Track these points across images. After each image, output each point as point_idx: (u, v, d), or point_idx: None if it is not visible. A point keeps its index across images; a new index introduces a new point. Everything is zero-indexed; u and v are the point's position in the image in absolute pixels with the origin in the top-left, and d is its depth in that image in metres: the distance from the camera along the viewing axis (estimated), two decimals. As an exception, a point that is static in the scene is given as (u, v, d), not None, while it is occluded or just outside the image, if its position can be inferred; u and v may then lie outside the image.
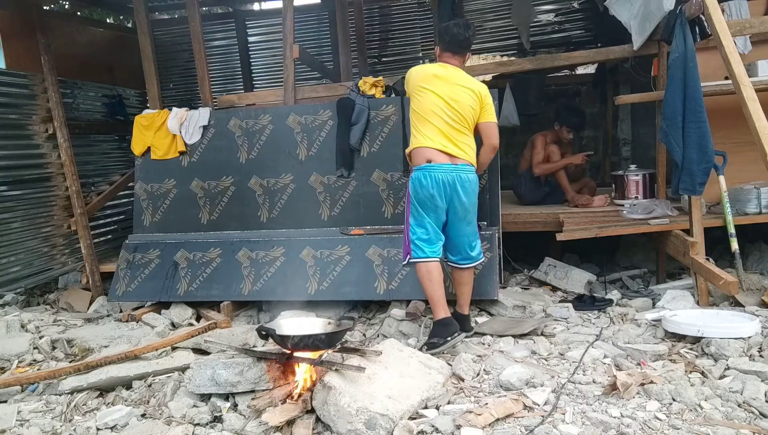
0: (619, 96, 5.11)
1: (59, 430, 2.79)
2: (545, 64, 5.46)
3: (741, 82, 3.30)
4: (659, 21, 4.23)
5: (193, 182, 4.86)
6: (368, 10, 7.49)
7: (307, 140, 4.67)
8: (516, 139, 7.25)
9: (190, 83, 7.73)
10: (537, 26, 7.41)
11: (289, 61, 5.06)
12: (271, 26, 7.85)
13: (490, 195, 4.33)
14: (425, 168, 3.27)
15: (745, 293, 3.79)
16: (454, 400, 2.70)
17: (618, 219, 4.55)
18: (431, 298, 3.31)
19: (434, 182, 3.24)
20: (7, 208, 4.93)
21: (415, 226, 3.33)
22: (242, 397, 2.74)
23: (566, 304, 4.08)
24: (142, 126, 4.99)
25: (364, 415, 2.41)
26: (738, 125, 3.56)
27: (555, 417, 2.46)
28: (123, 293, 4.66)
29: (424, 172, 3.27)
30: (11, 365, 3.64)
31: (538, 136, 5.38)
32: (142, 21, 5.29)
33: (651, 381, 2.64)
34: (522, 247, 5.40)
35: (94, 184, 5.97)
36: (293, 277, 4.33)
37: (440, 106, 3.27)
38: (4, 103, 4.88)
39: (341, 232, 4.49)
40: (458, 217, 3.36)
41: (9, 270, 4.95)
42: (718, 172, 3.96)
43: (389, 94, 4.69)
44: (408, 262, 3.37)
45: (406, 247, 3.37)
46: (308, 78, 7.51)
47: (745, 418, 2.37)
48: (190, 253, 4.66)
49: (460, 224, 3.39)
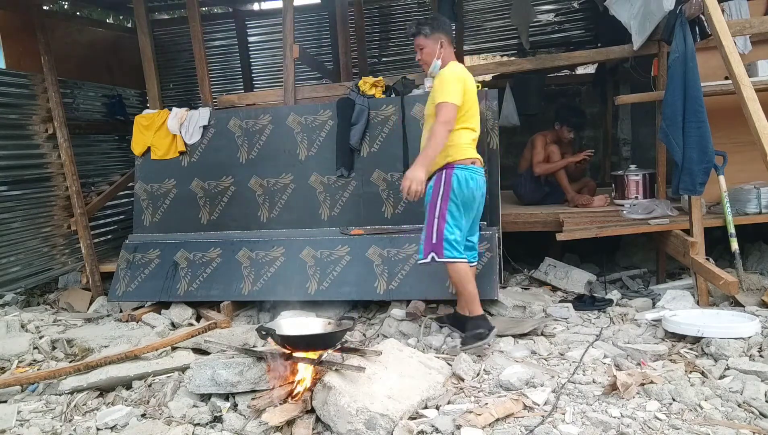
0: (619, 96, 5.11)
1: (59, 430, 2.79)
2: (545, 64, 5.47)
3: (741, 82, 3.30)
4: (659, 21, 4.24)
5: (193, 182, 4.86)
6: (368, 10, 7.49)
7: (307, 140, 4.67)
8: (516, 139, 7.25)
9: (190, 83, 7.74)
10: (537, 26, 7.41)
11: (289, 61, 5.07)
12: (271, 26, 7.85)
13: (490, 195, 4.33)
14: (473, 169, 3.26)
15: (745, 293, 3.79)
16: (454, 400, 2.70)
17: (618, 219, 4.55)
18: (471, 295, 3.28)
19: (478, 185, 3.28)
20: (7, 208, 4.93)
21: (453, 226, 3.19)
22: (242, 397, 2.74)
23: (566, 304, 4.08)
24: (142, 126, 4.99)
25: (364, 415, 2.41)
26: (738, 125, 3.56)
27: (555, 417, 2.46)
28: (123, 293, 4.66)
29: (471, 174, 3.24)
30: (11, 365, 3.64)
31: (538, 136, 5.38)
32: (142, 21, 5.29)
33: (651, 381, 2.64)
34: (522, 247, 5.40)
35: (94, 184, 5.97)
36: (293, 277, 4.33)
37: (475, 110, 3.35)
38: (4, 103, 4.89)
39: (341, 232, 4.49)
40: (476, 219, 3.47)
41: (9, 270, 4.95)
42: (718, 172, 3.96)
43: (389, 94, 4.69)
44: (433, 260, 3.18)
45: (432, 245, 3.17)
46: (308, 78, 7.52)
47: (745, 418, 2.37)
48: (190, 253, 4.66)
49: (475, 226, 3.50)
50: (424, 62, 3.35)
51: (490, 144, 4.36)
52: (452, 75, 3.20)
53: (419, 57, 3.36)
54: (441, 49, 3.30)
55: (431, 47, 3.29)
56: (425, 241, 3.21)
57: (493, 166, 4.35)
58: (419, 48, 3.34)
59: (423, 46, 3.31)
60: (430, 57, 3.31)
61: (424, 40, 3.29)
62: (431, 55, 3.30)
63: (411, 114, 4.46)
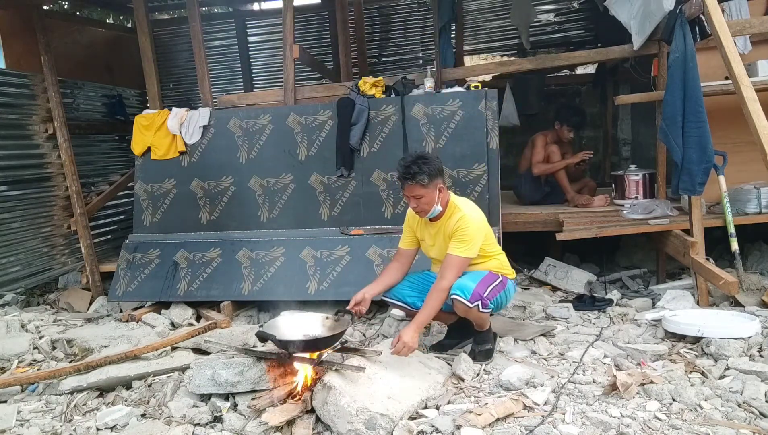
0: (619, 96, 5.11)
1: (59, 430, 2.79)
2: (545, 64, 5.47)
3: (741, 82, 3.30)
4: (659, 21, 4.24)
5: (193, 182, 4.86)
6: (368, 10, 7.49)
7: (307, 140, 4.67)
8: (516, 139, 7.25)
9: (190, 83, 7.73)
10: (537, 26, 7.41)
11: (289, 61, 5.07)
12: (271, 26, 7.84)
13: (490, 195, 4.34)
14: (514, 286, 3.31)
15: (745, 293, 3.79)
16: (454, 400, 2.70)
17: (618, 219, 4.55)
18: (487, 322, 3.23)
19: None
20: (7, 208, 4.93)
21: (493, 306, 3.08)
22: (242, 397, 2.74)
23: (566, 304, 4.08)
24: (142, 126, 4.99)
25: (364, 415, 2.41)
26: (738, 125, 3.56)
27: (555, 417, 2.46)
28: (123, 293, 4.66)
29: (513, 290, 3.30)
30: (11, 365, 3.64)
31: (538, 135, 5.37)
32: (142, 21, 5.30)
33: (651, 381, 2.64)
34: (522, 247, 5.40)
35: (94, 184, 5.97)
36: (293, 277, 4.33)
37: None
38: (4, 103, 4.89)
39: (341, 232, 4.48)
40: None
41: (9, 270, 4.95)
42: (718, 172, 3.96)
43: (389, 94, 4.69)
44: (477, 308, 2.95)
45: (482, 296, 2.95)
46: (308, 78, 7.51)
47: (745, 418, 2.37)
48: (190, 253, 4.66)
49: None
50: (422, 210, 3.01)
51: (490, 144, 4.36)
52: (478, 228, 2.98)
53: (415, 205, 2.99)
54: (440, 194, 2.98)
55: (430, 196, 2.95)
56: (477, 287, 2.95)
57: (493, 166, 4.35)
58: (415, 197, 2.95)
59: (421, 195, 2.94)
60: (429, 205, 2.97)
61: (422, 190, 2.93)
62: (430, 204, 2.97)
63: (411, 114, 4.46)
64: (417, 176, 2.90)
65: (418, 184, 2.92)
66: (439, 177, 2.98)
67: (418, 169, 2.91)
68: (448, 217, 3.04)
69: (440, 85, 5.03)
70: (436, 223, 3.09)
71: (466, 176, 4.37)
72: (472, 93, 4.49)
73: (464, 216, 2.97)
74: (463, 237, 2.94)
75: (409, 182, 2.93)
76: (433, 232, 3.12)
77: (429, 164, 2.93)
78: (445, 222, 3.04)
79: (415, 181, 2.91)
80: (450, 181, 4.38)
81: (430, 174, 2.92)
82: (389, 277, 3.21)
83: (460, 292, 2.92)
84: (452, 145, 4.40)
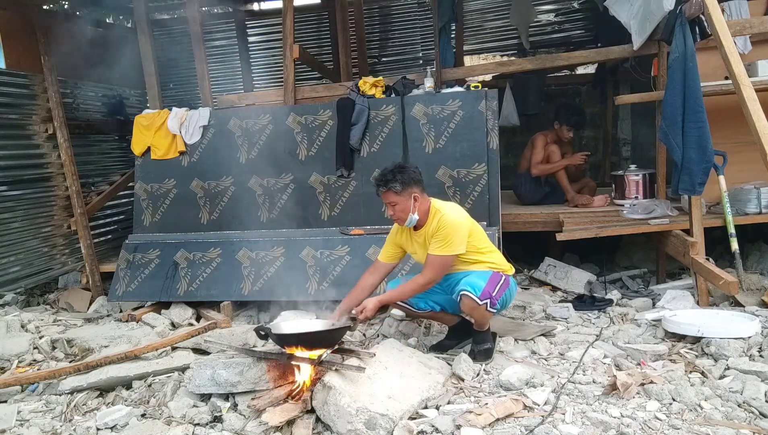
0: (619, 96, 5.11)
1: (59, 430, 2.79)
2: (545, 64, 5.47)
3: (741, 82, 3.30)
4: (659, 21, 4.24)
5: (193, 182, 4.86)
6: (368, 10, 7.49)
7: (307, 140, 4.67)
8: (516, 139, 7.26)
9: (190, 83, 7.72)
10: (537, 26, 7.42)
11: (289, 61, 5.07)
12: (271, 26, 7.85)
13: (490, 195, 4.34)
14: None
15: (745, 293, 3.79)
16: (454, 400, 2.70)
17: (618, 219, 4.55)
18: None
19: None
20: (7, 208, 4.92)
21: (500, 306, 3.13)
22: (242, 397, 2.74)
23: (566, 304, 4.08)
24: (142, 126, 4.99)
25: (364, 415, 2.41)
26: (738, 125, 3.56)
27: (555, 417, 2.46)
28: (123, 293, 4.66)
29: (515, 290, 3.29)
30: (11, 365, 3.63)
31: (538, 135, 5.37)
32: (142, 21, 5.30)
33: (651, 381, 2.64)
34: (522, 247, 5.40)
35: (94, 184, 5.96)
36: (293, 277, 4.33)
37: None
38: (4, 103, 4.88)
39: (341, 232, 4.48)
40: None
41: (9, 270, 4.94)
42: (718, 172, 3.96)
43: (389, 94, 4.69)
44: (485, 306, 3.00)
45: (491, 295, 3.00)
46: (308, 78, 7.52)
47: (745, 418, 2.37)
48: (190, 253, 4.66)
49: None
50: (398, 218, 3.09)
51: (490, 144, 4.36)
52: (455, 225, 3.00)
53: (391, 213, 3.08)
54: (416, 203, 3.04)
55: (404, 203, 3.02)
56: (486, 286, 3.01)
57: (493, 166, 4.35)
58: (390, 204, 3.05)
59: (395, 202, 3.03)
60: (404, 213, 3.04)
61: (396, 197, 3.02)
62: (405, 212, 3.03)
63: (411, 114, 4.47)
64: (389, 183, 3.02)
65: (391, 191, 3.02)
66: (414, 186, 3.03)
67: (392, 177, 3.02)
68: (430, 222, 3.08)
69: (440, 85, 5.02)
70: (420, 231, 3.13)
71: (466, 176, 4.37)
72: (472, 93, 4.49)
73: (443, 216, 3.04)
74: (440, 236, 3.00)
75: (382, 189, 3.06)
76: (421, 241, 3.15)
77: (404, 173, 3.03)
78: (428, 228, 3.09)
79: (388, 187, 3.02)
80: (450, 181, 4.39)
81: (403, 182, 3.00)
82: (365, 285, 3.29)
83: (471, 289, 2.97)
84: (452, 145, 4.40)
